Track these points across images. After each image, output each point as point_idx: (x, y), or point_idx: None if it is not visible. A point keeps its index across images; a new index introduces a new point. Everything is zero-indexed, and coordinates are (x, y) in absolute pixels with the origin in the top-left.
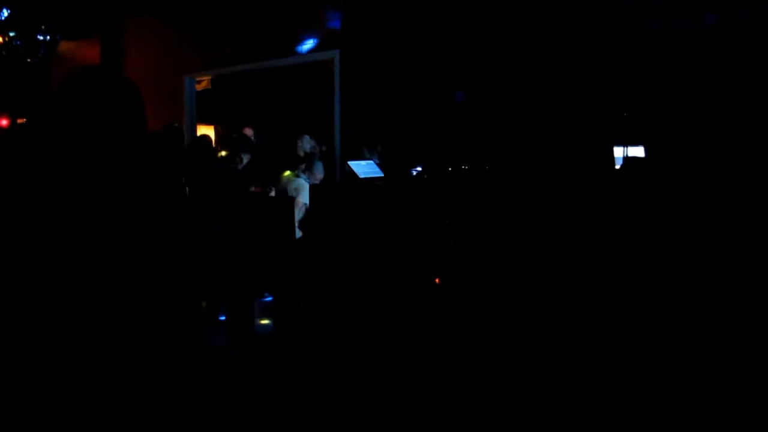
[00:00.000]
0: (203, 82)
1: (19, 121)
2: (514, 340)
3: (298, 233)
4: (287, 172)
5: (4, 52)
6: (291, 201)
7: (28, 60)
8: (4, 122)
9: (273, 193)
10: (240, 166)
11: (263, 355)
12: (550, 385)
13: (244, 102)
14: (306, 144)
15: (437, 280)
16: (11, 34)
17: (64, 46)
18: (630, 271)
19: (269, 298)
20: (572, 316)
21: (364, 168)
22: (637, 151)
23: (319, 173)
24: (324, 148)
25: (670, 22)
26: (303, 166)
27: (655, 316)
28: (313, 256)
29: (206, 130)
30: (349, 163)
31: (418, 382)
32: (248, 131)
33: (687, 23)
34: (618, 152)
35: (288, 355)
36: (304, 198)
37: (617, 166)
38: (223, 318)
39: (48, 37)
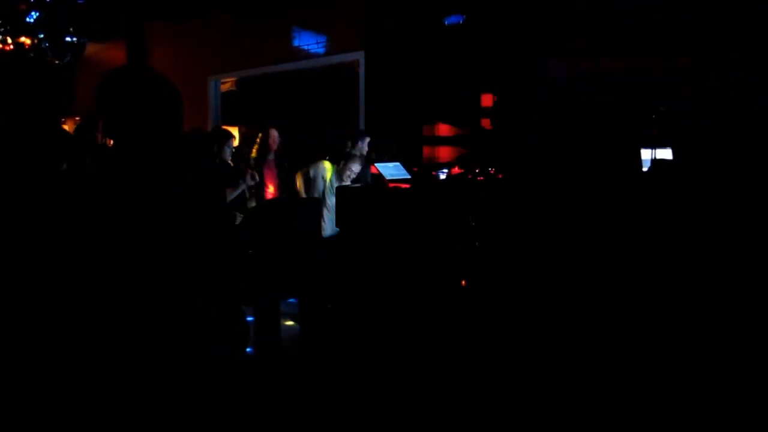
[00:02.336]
0: (228, 83)
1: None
2: (542, 342)
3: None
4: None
5: (32, 54)
6: (317, 202)
7: (56, 62)
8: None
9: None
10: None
11: (288, 357)
12: (579, 387)
13: (270, 103)
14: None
15: (463, 283)
16: (40, 36)
17: (90, 49)
18: (658, 274)
19: (294, 300)
20: (598, 318)
21: (390, 170)
22: (665, 154)
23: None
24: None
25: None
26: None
27: (681, 317)
28: (339, 258)
29: (231, 131)
30: (375, 164)
31: (443, 384)
32: (273, 132)
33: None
34: (646, 154)
35: (313, 358)
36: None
37: (645, 169)
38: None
39: (76, 40)
